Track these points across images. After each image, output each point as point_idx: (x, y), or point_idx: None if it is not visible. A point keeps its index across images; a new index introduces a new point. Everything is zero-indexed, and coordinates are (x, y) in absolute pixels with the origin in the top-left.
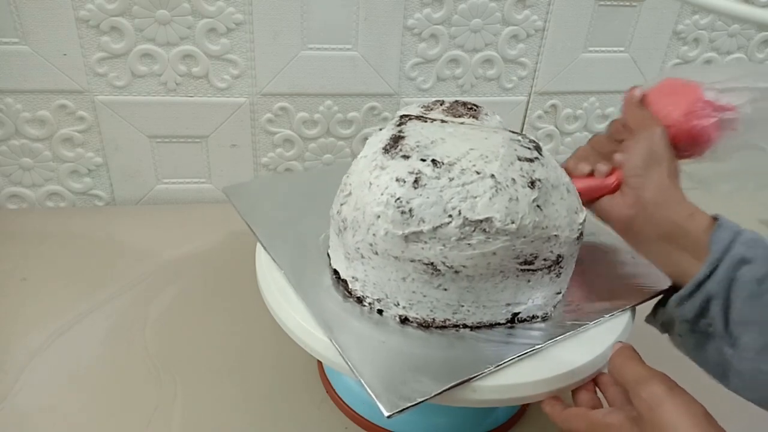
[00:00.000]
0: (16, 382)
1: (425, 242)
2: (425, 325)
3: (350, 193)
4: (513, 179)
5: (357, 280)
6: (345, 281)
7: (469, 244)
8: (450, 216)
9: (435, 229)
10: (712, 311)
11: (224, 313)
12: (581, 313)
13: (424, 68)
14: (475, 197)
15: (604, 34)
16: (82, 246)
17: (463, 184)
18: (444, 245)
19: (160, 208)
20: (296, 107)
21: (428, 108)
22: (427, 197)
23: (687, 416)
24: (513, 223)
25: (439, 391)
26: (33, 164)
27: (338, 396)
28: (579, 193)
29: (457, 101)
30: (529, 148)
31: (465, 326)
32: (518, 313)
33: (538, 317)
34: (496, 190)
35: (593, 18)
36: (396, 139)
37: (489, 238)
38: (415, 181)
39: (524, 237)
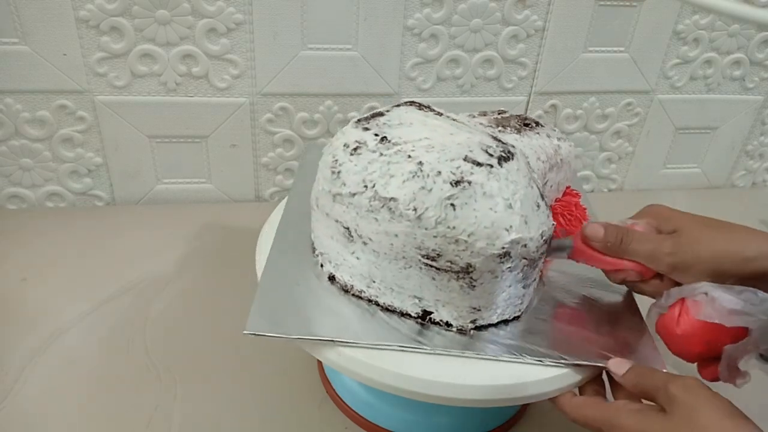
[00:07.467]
0: (16, 382)
1: (346, 206)
2: (345, 289)
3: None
4: (439, 172)
5: (312, 231)
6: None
7: (375, 218)
8: (365, 186)
9: (352, 195)
10: None
11: (224, 312)
12: (509, 345)
13: (424, 68)
14: (392, 176)
15: (604, 34)
16: (82, 246)
17: (388, 162)
18: (357, 213)
19: (160, 208)
20: (296, 107)
21: (482, 114)
22: (356, 165)
23: (720, 401)
24: (415, 210)
25: (300, 337)
26: (33, 165)
27: (338, 396)
28: None
29: (519, 116)
30: (490, 155)
31: (378, 304)
32: (431, 313)
33: (452, 326)
34: (414, 176)
35: (593, 18)
36: (375, 115)
37: (393, 218)
38: (355, 149)
39: (426, 229)
